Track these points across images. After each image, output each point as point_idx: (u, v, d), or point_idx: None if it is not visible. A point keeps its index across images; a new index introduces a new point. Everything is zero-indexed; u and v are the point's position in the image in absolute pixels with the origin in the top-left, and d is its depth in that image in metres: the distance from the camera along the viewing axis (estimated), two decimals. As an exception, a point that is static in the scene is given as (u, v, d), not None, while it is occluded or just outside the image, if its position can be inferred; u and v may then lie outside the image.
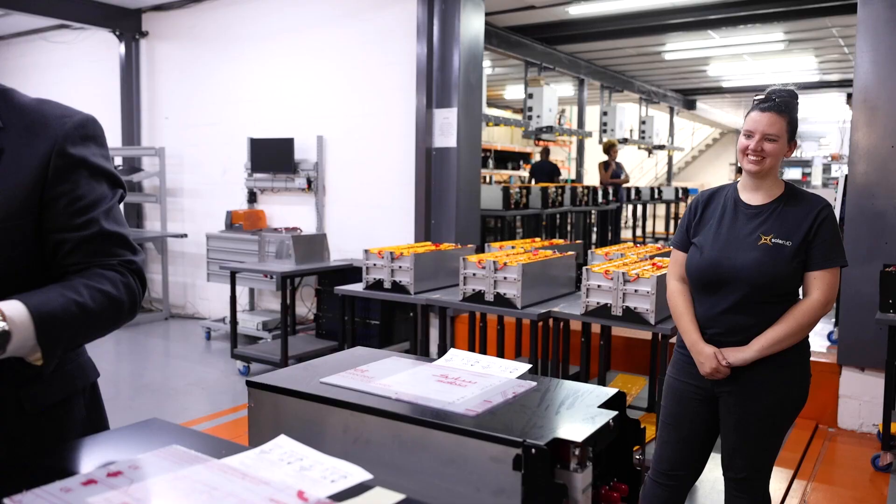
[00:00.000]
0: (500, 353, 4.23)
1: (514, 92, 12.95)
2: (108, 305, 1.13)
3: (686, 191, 12.71)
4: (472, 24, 5.42)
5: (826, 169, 15.21)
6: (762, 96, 2.14)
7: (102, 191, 1.21)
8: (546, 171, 10.37)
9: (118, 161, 7.36)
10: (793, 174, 16.16)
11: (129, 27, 7.13)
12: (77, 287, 1.11)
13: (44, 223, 1.15)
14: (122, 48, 7.18)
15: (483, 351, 4.28)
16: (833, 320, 4.99)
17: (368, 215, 5.85)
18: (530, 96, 8.36)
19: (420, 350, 4.24)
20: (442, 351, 3.92)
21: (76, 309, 1.08)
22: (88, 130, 1.21)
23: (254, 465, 0.97)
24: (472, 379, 1.37)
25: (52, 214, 1.15)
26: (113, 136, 7.41)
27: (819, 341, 4.70)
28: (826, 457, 3.67)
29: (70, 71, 7.96)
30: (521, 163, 13.54)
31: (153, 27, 7.19)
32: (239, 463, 0.98)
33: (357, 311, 4.90)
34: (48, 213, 1.15)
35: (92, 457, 1.05)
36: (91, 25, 7.08)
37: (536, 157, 15.08)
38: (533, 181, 10.18)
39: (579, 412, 1.18)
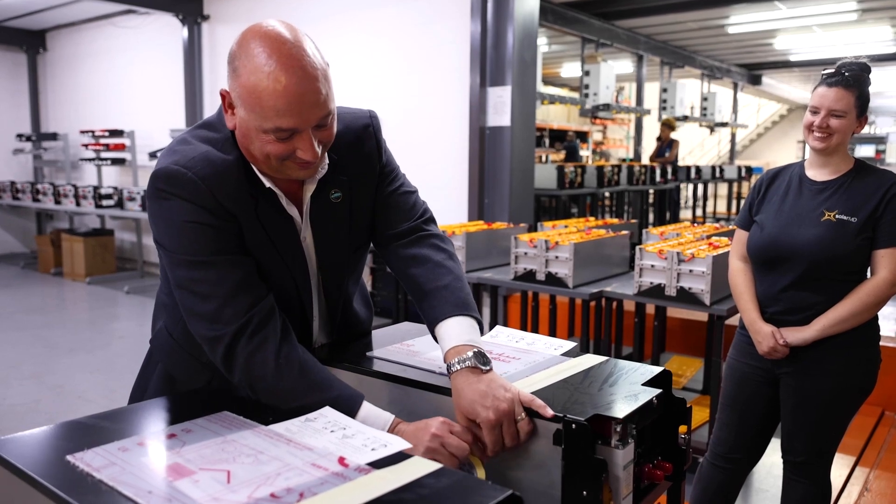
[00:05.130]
0: (553, 333, 4.22)
1: (571, 69, 12.72)
2: (448, 244, 1.47)
3: (749, 170, 12.27)
4: (527, 1, 5.34)
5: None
6: (831, 70, 2.05)
7: None
8: (571, 151, 10.93)
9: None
10: (866, 151, 15.40)
11: (191, 11, 7.31)
12: None
13: None
14: (184, 32, 7.37)
15: (535, 330, 4.27)
16: (904, 304, 4.77)
17: (422, 194, 5.85)
18: (587, 73, 8.19)
19: (472, 328, 4.26)
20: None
21: (455, 260, 1.42)
22: None
23: (299, 431, 1.01)
24: (515, 355, 1.38)
25: None
26: (177, 117, 7.65)
27: (888, 325, 4.51)
28: (891, 445, 3.53)
29: (137, 54, 8.23)
30: (579, 142, 13.34)
31: (214, 11, 7.35)
32: (284, 429, 1.01)
33: (410, 289, 4.94)
34: None
35: (149, 420, 1.11)
36: (156, 10, 7.29)
37: (595, 136, 14.88)
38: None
39: (622, 389, 1.17)
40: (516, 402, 1.09)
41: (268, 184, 1.22)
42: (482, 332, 1.29)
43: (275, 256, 1.25)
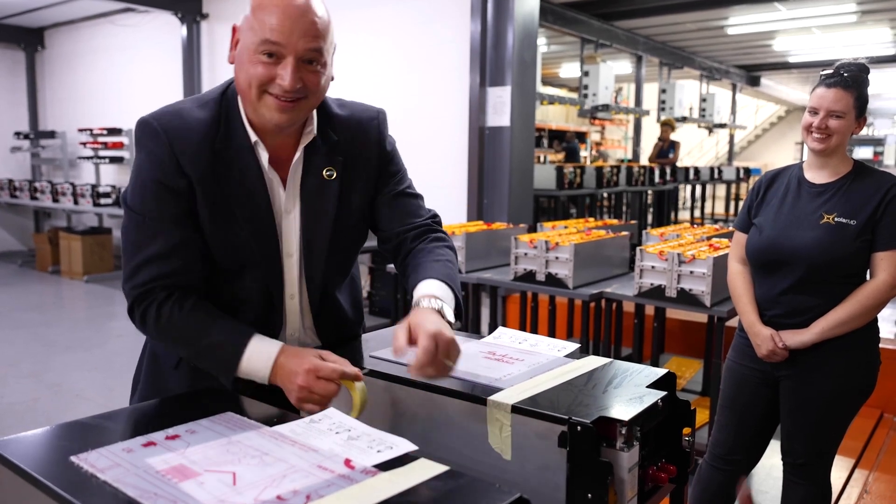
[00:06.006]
0: (552, 334, 4.22)
1: (570, 70, 12.73)
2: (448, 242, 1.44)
3: (748, 171, 12.29)
4: (527, 1, 5.33)
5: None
6: (829, 71, 2.05)
7: None
8: (571, 151, 10.96)
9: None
10: (864, 153, 15.43)
11: (190, 9, 7.30)
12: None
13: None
14: (183, 30, 7.36)
15: (534, 331, 4.27)
16: (902, 305, 4.78)
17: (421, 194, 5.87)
18: (586, 74, 8.20)
19: (471, 329, 4.26)
20: (492, 330, 3.92)
21: (452, 256, 1.38)
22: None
23: (303, 433, 1.00)
24: (519, 356, 1.38)
25: None
26: (175, 116, 7.63)
27: (886, 327, 4.51)
28: (890, 447, 3.54)
29: (136, 53, 8.22)
30: (577, 142, 13.35)
31: (213, 9, 7.34)
32: (289, 431, 1.01)
33: (409, 289, 4.94)
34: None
35: (153, 420, 1.10)
36: (155, 8, 7.27)
37: (593, 137, 14.88)
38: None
39: (627, 391, 1.17)
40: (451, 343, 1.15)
41: (254, 138, 1.26)
42: (462, 316, 1.30)
43: (232, 224, 1.26)
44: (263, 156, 1.27)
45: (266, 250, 1.29)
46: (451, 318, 1.23)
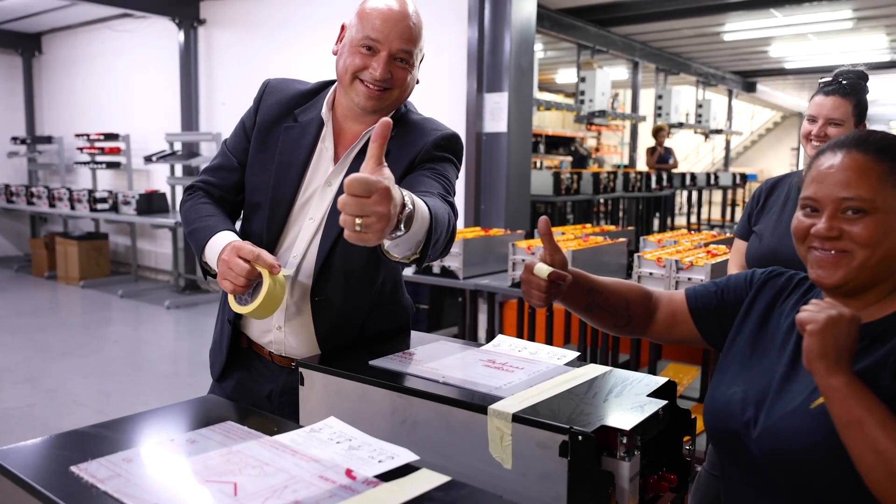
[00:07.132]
0: (549, 340, 4.21)
1: (567, 76, 12.76)
2: (450, 223, 1.31)
3: (744, 176, 12.31)
4: (524, 7, 5.35)
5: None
6: (828, 78, 2.06)
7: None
8: (580, 159, 10.92)
9: (178, 146, 7.57)
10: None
11: (187, 15, 7.29)
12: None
13: None
14: (181, 36, 7.35)
15: (531, 337, 4.27)
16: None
17: (419, 200, 5.86)
18: (583, 80, 8.22)
19: (468, 335, 4.26)
20: (490, 336, 3.91)
21: (445, 216, 1.26)
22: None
23: (304, 442, 1.00)
24: (519, 365, 1.38)
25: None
26: (172, 121, 7.62)
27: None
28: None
29: (133, 58, 8.21)
30: (576, 147, 13.36)
31: (210, 15, 7.34)
32: (290, 440, 1.01)
33: (407, 295, 4.93)
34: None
35: (152, 429, 1.10)
36: (152, 14, 7.27)
37: (589, 142, 14.92)
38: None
39: (628, 400, 1.17)
40: (382, 195, 0.98)
41: (326, 114, 1.48)
42: (428, 249, 1.20)
43: (268, 172, 1.49)
44: (326, 132, 1.48)
45: (275, 202, 1.48)
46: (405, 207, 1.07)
